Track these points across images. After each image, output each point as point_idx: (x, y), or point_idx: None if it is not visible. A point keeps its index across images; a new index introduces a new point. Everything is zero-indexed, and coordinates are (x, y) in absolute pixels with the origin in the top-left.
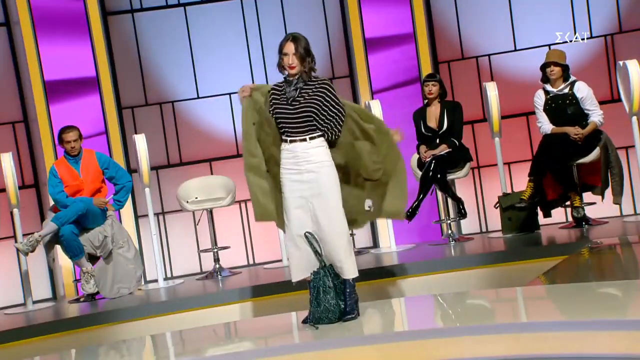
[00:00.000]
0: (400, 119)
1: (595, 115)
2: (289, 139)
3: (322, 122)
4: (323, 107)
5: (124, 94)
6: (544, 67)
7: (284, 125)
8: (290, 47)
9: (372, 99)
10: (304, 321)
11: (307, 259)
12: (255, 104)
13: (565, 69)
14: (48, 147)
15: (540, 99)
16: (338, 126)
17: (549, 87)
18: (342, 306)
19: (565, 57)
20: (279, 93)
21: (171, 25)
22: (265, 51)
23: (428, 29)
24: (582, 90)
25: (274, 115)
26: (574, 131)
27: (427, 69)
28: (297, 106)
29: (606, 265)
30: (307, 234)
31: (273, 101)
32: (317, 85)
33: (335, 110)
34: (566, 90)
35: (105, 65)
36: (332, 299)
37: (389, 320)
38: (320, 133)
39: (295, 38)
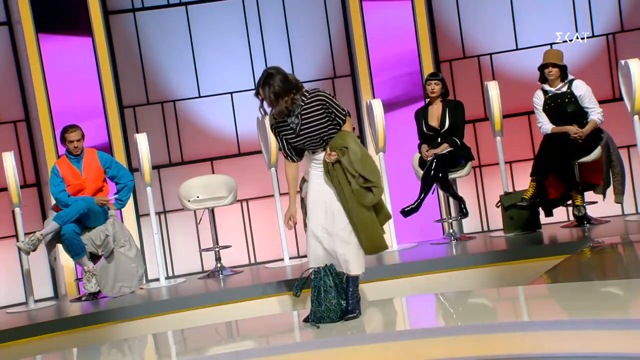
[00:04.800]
0: (402, 118)
1: (595, 113)
2: (311, 150)
3: (333, 130)
4: (329, 118)
5: (126, 93)
6: (542, 68)
7: (301, 146)
8: (262, 93)
9: (374, 98)
10: (305, 320)
11: (325, 251)
12: None
13: (563, 69)
14: (50, 146)
15: (539, 99)
16: (338, 126)
17: (547, 87)
18: (344, 305)
19: (562, 57)
20: (283, 125)
21: (173, 24)
22: (266, 50)
23: (429, 27)
24: (580, 88)
25: (290, 142)
26: (574, 130)
27: (428, 68)
28: (305, 130)
29: (608, 264)
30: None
31: (280, 130)
32: (314, 102)
33: (336, 114)
34: (564, 89)
35: (106, 64)
36: (333, 298)
37: (390, 319)
38: None
39: (264, 83)
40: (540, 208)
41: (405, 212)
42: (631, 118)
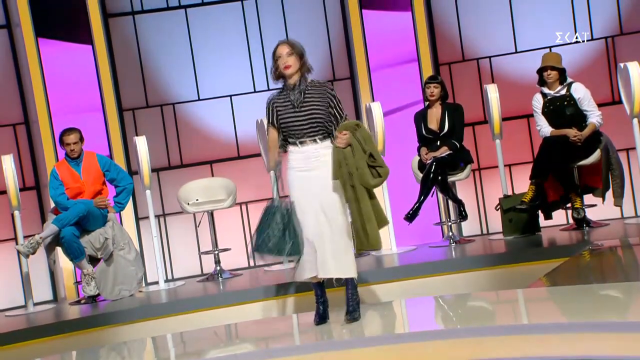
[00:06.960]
0: (401, 121)
1: (594, 116)
2: (298, 141)
3: (328, 124)
4: (328, 109)
5: (125, 96)
6: (540, 71)
7: (292, 130)
8: (283, 49)
9: (373, 101)
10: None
11: (314, 259)
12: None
13: (562, 72)
14: (49, 149)
15: (538, 102)
16: (333, 127)
17: (546, 90)
18: (287, 243)
19: (561, 60)
20: (283, 101)
21: (172, 27)
22: (266, 53)
23: (429, 30)
24: (579, 91)
25: (282, 123)
26: (573, 133)
27: (427, 71)
28: (304, 110)
29: (607, 266)
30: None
31: (278, 110)
32: (319, 89)
33: (336, 113)
34: (563, 92)
35: (106, 67)
36: (278, 232)
37: (390, 322)
38: (328, 133)
39: (287, 41)
40: (539, 211)
41: (409, 217)
42: (630, 121)
